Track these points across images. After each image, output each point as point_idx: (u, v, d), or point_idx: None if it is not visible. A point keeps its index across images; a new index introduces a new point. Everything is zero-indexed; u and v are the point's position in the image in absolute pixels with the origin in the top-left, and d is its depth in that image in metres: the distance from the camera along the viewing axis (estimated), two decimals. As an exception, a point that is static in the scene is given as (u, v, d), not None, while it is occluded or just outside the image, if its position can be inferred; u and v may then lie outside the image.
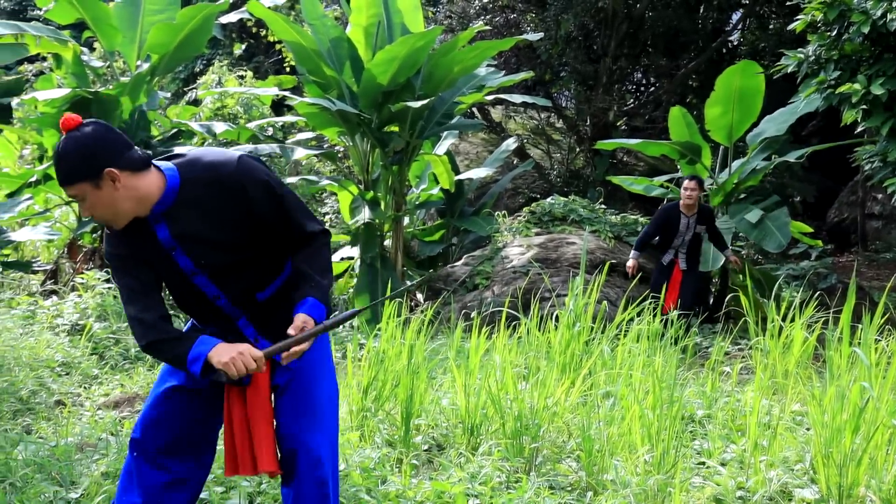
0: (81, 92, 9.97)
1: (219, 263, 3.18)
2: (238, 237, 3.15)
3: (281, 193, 3.14)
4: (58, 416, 5.62)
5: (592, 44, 16.57)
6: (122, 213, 3.06)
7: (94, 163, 2.96)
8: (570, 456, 4.87)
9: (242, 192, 3.09)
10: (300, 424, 3.27)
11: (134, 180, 3.03)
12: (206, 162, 3.14)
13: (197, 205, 3.11)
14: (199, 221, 3.13)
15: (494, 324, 6.33)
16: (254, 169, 3.12)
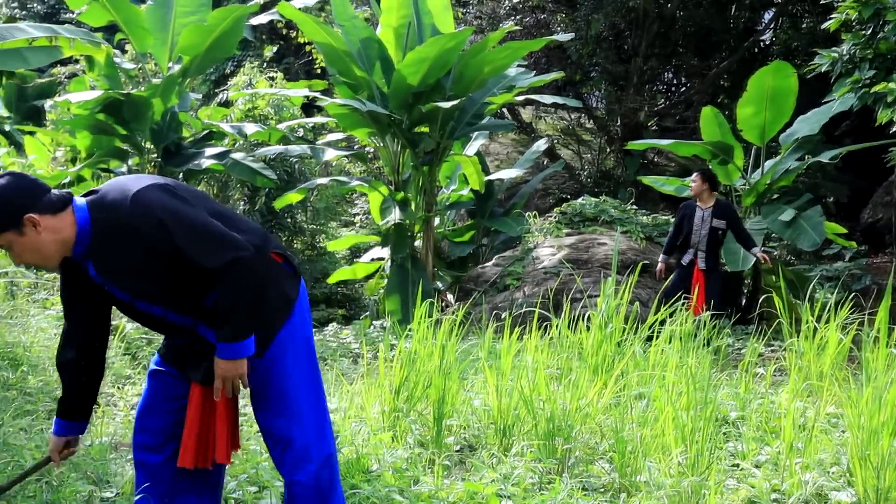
0: (113, 94, 10.04)
1: (149, 290, 3.24)
2: (157, 269, 3.17)
3: (177, 234, 3.07)
4: (91, 416, 5.65)
5: (623, 44, 16.51)
6: (48, 255, 3.14)
7: (13, 212, 3.04)
8: (603, 457, 4.84)
9: (138, 233, 3.09)
10: (279, 421, 3.35)
11: (54, 222, 3.10)
12: (107, 202, 3.16)
13: (109, 243, 3.16)
14: (116, 259, 3.18)
15: (525, 324, 6.30)
16: (147, 207, 3.08)
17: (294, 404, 3.36)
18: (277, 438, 3.37)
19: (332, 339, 9.38)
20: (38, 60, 6.25)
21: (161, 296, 3.25)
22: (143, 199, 3.08)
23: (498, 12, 16.81)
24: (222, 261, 3.07)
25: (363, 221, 16.99)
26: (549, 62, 16.47)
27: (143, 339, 7.67)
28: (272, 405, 3.36)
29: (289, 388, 3.36)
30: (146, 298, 3.26)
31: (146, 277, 3.20)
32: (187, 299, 3.25)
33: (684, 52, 17.01)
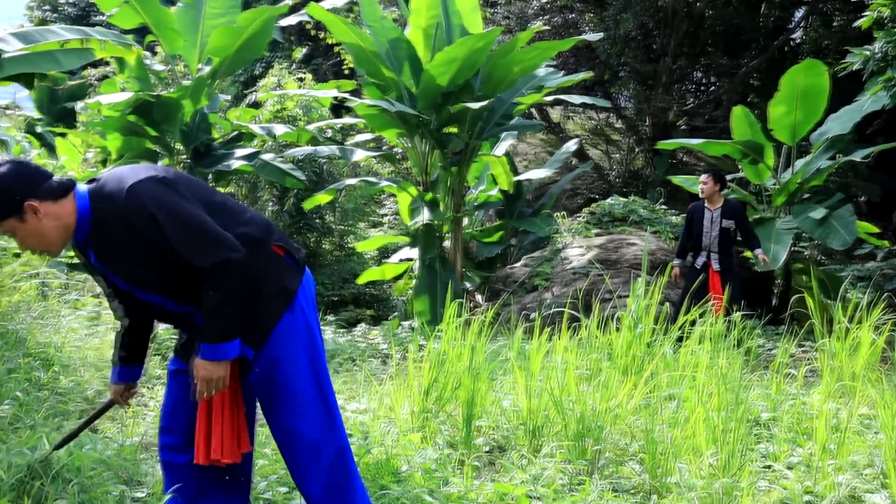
0: (144, 95, 10.10)
1: (147, 279, 3.27)
2: (153, 259, 3.19)
3: (169, 229, 3.09)
4: (122, 416, 5.68)
5: (652, 43, 16.43)
6: (51, 241, 3.19)
7: (13, 199, 3.09)
8: (633, 458, 4.82)
9: (131, 226, 3.13)
10: (287, 417, 3.34)
11: (55, 208, 3.14)
12: (105, 192, 3.19)
13: (107, 233, 3.20)
14: (114, 248, 3.23)
15: (554, 325, 6.29)
16: (141, 199, 3.11)
17: (300, 398, 3.35)
18: (287, 437, 3.37)
19: (360, 339, 9.39)
20: (71, 63, 6.28)
21: (159, 284, 3.27)
22: (138, 193, 3.11)
23: (526, 12, 16.78)
24: (210, 261, 3.09)
25: (392, 222, 17.00)
26: (577, 62, 16.43)
27: (172, 339, 7.71)
28: (279, 402, 3.35)
29: (293, 382, 3.34)
30: (145, 287, 3.29)
31: (143, 267, 3.23)
32: (185, 288, 3.25)
33: (713, 51, 16.91)
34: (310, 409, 3.36)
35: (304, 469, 3.37)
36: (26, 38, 6.23)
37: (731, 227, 9.35)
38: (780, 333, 8.39)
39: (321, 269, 13.83)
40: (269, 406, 3.37)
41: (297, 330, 3.35)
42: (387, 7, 17.30)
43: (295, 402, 3.34)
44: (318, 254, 14.00)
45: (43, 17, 27.42)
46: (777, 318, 9.70)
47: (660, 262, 10.02)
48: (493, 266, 12.81)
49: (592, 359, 5.82)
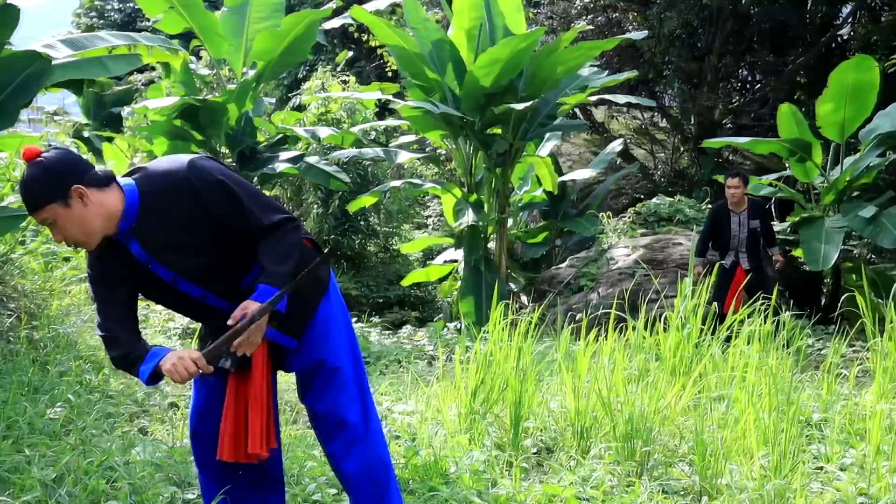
0: (190, 100, 10.18)
1: (195, 267, 3.23)
2: (205, 240, 3.19)
3: (236, 192, 3.13)
4: (172, 418, 5.73)
5: (697, 41, 16.30)
6: (92, 231, 3.12)
7: (60, 182, 3.04)
8: (683, 460, 4.78)
9: (196, 196, 3.11)
10: (330, 396, 3.40)
11: (100, 196, 3.09)
12: (159, 172, 3.18)
13: (159, 215, 3.15)
14: (166, 231, 3.17)
15: (601, 326, 6.25)
16: (204, 170, 3.13)
17: (340, 380, 3.41)
18: (326, 416, 3.42)
19: (406, 341, 9.41)
20: (119, 68, 6.34)
21: (205, 273, 3.25)
22: (200, 164, 3.14)
23: (570, 12, 16.72)
24: (280, 216, 3.17)
25: (436, 223, 17.02)
26: (621, 61, 16.34)
27: (220, 341, 7.75)
28: (321, 382, 3.40)
29: (334, 363, 3.40)
30: (190, 276, 3.25)
31: (193, 251, 3.20)
32: (228, 279, 3.27)
33: (759, 48, 16.74)
34: (349, 390, 3.43)
35: (342, 448, 3.42)
36: (75, 45, 6.30)
37: (758, 227, 9.31)
38: (830, 333, 8.29)
39: (366, 271, 13.87)
40: (311, 387, 3.43)
41: (335, 317, 3.45)
42: (430, 9, 17.33)
43: (336, 383, 3.41)
44: (364, 256, 14.04)
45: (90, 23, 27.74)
46: (827, 318, 9.57)
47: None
48: (537, 267, 12.77)
49: (640, 359, 5.78)
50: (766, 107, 16.09)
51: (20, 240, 7.39)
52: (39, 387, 5.33)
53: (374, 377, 7.39)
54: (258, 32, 10.42)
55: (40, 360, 5.94)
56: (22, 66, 5.75)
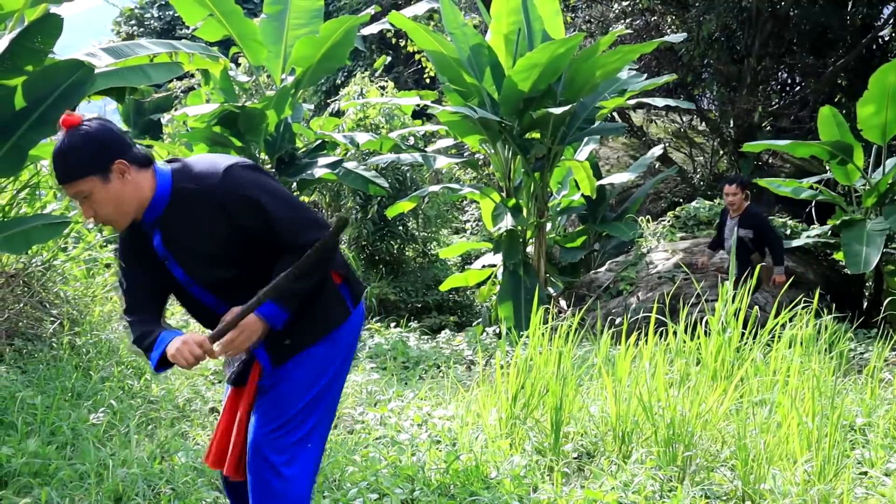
0: (229, 106, 10.25)
1: (213, 277, 3.06)
2: (229, 252, 3.01)
3: (268, 207, 2.94)
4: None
5: (735, 44, 16.19)
6: (127, 211, 2.96)
7: (103, 154, 2.87)
8: (725, 465, 4.75)
9: (224, 208, 2.93)
10: (264, 429, 3.09)
11: (139, 176, 2.94)
12: (195, 172, 3.01)
13: (186, 216, 2.99)
14: (190, 234, 3.01)
15: (640, 330, 6.22)
16: (238, 182, 2.95)
17: (287, 419, 3.11)
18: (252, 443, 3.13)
19: (444, 345, 9.40)
20: (160, 76, 6.39)
21: (223, 284, 3.07)
22: (235, 174, 2.95)
23: (607, 16, 16.67)
24: (309, 238, 2.93)
25: (474, 228, 17.01)
26: (659, 64, 16.27)
27: (260, 346, 7.79)
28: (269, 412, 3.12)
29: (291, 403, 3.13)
30: (203, 284, 3.08)
31: (214, 261, 3.03)
32: (248, 294, 2.95)
33: (799, 50, 16.60)
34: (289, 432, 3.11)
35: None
36: (116, 53, 6.36)
37: (749, 237, 9.15)
38: (872, 337, 8.21)
39: (404, 276, 13.89)
40: (257, 413, 3.14)
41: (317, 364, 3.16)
42: (467, 14, 17.33)
43: (272, 413, 3.11)
44: (402, 261, 14.06)
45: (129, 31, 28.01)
46: (869, 322, 9.47)
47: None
48: (576, 271, 12.74)
49: (681, 364, 5.75)
50: (806, 109, 15.96)
51: (62, 246, 7.48)
52: (82, 392, 5.39)
53: (412, 382, 7.40)
54: (297, 39, 10.46)
55: (83, 366, 6.00)
56: (65, 74, 5.81)
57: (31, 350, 6.18)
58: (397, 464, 4.61)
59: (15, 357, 5.92)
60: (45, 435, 4.39)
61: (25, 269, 6.75)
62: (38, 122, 5.75)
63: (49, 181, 8.22)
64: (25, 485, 3.79)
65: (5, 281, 6.55)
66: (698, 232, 11.18)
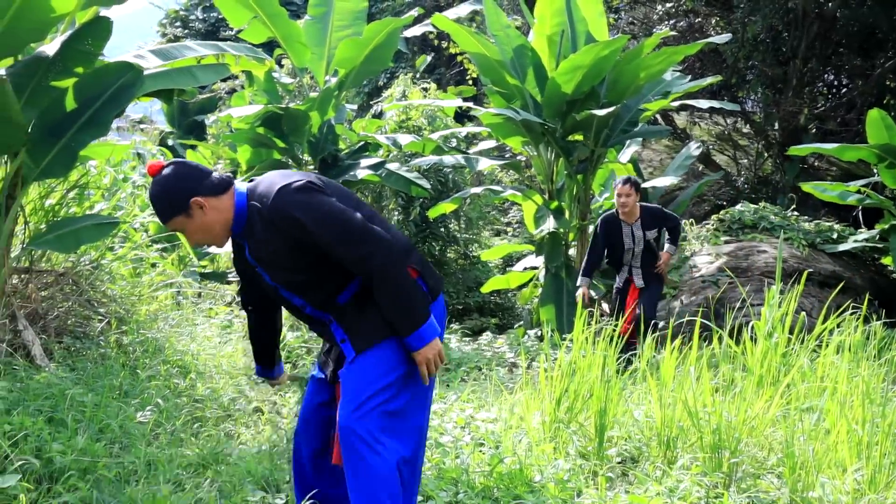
0: (273, 108, 10.30)
1: (290, 280, 3.44)
2: (294, 261, 3.37)
3: (310, 228, 3.24)
4: (256, 423, 5.80)
5: (781, 45, 16.03)
6: (216, 234, 3.42)
7: (180, 197, 3.31)
8: (772, 472, 4.70)
9: (275, 225, 3.30)
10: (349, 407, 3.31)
11: (218, 203, 3.36)
12: (258, 193, 3.38)
13: (256, 229, 3.38)
14: (263, 244, 3.39)
15: (684, 334, 6.18)
16: (285, 203, 3.26)
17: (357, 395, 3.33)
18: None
19: (486, 348, 9.39)
20: (207, 78, 6.44)
21: (301, 287, 3.44)
22: (284, 198, 3.26)
23: (651, 17, 16.59)
24: (358, 255, 3.24)
25: (516, 230, 16.98)
26: (703, 66, 16.16)
27: (302, 347, 7.85)
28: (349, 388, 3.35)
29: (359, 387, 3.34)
30: (289, 288, 3.46)
31: (288, 268, 3.40)
32: (324, 294, 3.42)
33: (846, 52, 16.42)
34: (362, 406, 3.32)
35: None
36: (164, 55, 6.40)
37: (655, 237, 8.60)
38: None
39: (446, 277, 13.88)
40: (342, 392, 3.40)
41: (395, 352, 3.38)
42: (510, 15, 17.31)
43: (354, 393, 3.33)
44: (443, 262, 14.06)
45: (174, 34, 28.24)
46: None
47: (792, 270, 9.77)
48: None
49: (726, 369, 5.71)
50: (853, 111, 15.78)
51: (109, 246, 7.55)
52: (130, 390, 5.43)
53: (455, 384, 7.40)
54: (340, 41, 10.48)
55: (130, 365, 6.05)
56: (115, 76, 5.87)
57: (79, 348, 6.25)
58: (441, 466, 4.61)
59: (64, 355, 5.98)
60: (93, 432, 4.43)
61: (74, 269, 6.82)
62: (88, 123, 5.82)
63: (97, 181, 8.32)
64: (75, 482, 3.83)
65: (54, 280, 6.62)
66: (742, 235, 11.08)
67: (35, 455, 3.97)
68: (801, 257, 10.32)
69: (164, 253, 9.82)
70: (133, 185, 11.09)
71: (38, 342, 5.78)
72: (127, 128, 23.92)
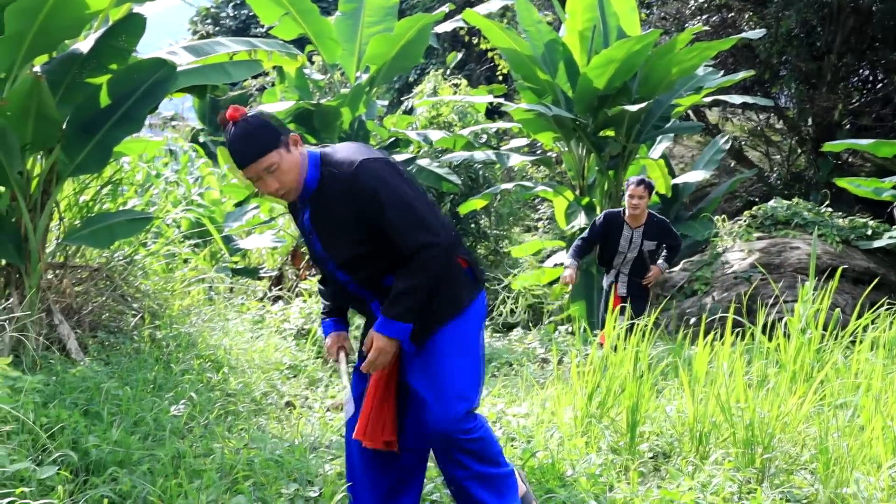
0: (304, 104, 10.34)
1: (343, 253, 3.43)
2: (357, 233, 3.36)
3: (385, 205, 3.27)
4: (288, 417, 5.82)
5: (815, 40, 15.89)
6: (302, 177, 3.36)
7: (277, 132, 3.28)
8: (805, 468, 4.67)
9: (352, 197, 3.30)
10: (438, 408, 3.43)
11: (303, 149, 3.38)
12: (336, 158, 3.38)
13: (327, 196, 3.37)
14: (328, 213, 3.39)
15: (715, 330, 6.15)
16: (368, 176, 3.28)
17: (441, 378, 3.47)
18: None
19: (517, 343, 9.39)
20: (240, 74, 6.47)
21: (351, 263, 3.45)
22: (368, 168, 3.29)
23: (683, 12, 16.49)
24: (418, 241, 3.28)
25: (546, 226, 16.95)
26: (736, 62, 16.05)
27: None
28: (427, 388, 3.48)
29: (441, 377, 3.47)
30: (338, 260, 3.46)
31: (345, 240, 3.40)
32: (370, 273, 3.45)
33: (882, 46, 16.24)
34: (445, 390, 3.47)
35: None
36: (197, 51, 6.44)
37: (653, 249, 8.18)
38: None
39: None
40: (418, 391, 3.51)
41: (456, 339, 3.51)
42: (542, 11, 17.27)
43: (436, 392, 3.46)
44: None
45: (205, 31, 28.38)
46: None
47: (826, 266, 9.68)
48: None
49: (759, 365, 5.67)
50: (889, 107, 15.63)
51: (143, 241, 7.61)
52: (163, 384, 5.48)
53: (486, 379, 7.40)
54: (371, 37, 10.52)
55: (163, 359, 6.10)
56: (148, 72, 5.92)
57: (113, 342, 6.31)
58: (473, 460, 4.61)
59: (98, 349, 6.04)
60: (128, 425, 4.47)
61: (108, 264, 6.88)
62: (122, 119, 5.87)
63: (131, 177, 8.38)
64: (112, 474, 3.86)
65: (89, 275, 6.69)
66: (775, 232, 11.00)
67: (72, 447, 4.01)
68: (834, 254, 10.22)
69: (196, 249, 9.89)
70: (165, 181, 11.17)
71: (74, 336, 5.84)
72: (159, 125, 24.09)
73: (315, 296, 8.76)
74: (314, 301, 8.64)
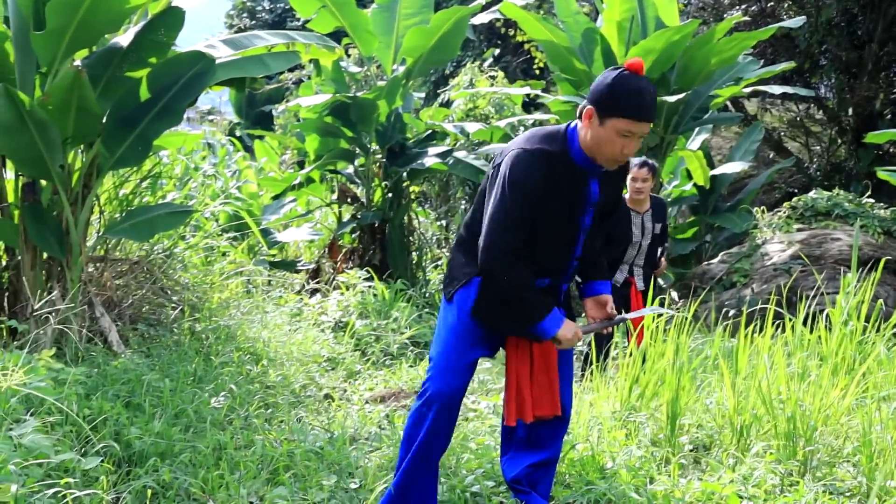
0: (341, 97, 10.34)
1: (598, 229, 3.74)
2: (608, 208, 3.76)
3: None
4: (327, 409, 5.84)
5: (856, 29, 15.71)
6: None
7: None
8: (848, 461, 4.63)
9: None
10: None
11: None
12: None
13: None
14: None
15: (756, 322, 6.10)
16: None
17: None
18: None
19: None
20: (278, 66, 6.48)
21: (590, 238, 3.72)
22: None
23: (722, 2, 16.36)
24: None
25: (582, 218, 16.89)
26: (775, 52, 15.90)
27: (371, 335, 7.88)
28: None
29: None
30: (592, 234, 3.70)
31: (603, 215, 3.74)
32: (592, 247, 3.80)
33: (924, 35, 16.05)
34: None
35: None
36: (235, 45, 6.46)
37: (658, 233, 7.41)
38: None
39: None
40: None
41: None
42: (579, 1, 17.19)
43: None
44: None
45: (242, 24, 28.50)
46: None
47: (867, 258, 9.56)
48: (686, 263, 12.55)
49: (801, 357, 5.62)
50: (931, 97, 15.44)
51: (182, 235, 7.66)
52: (203, 377, 5.51)
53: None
54: (408, 29, 10.49)
55: (203, 351, 6.14)
56: (188, 66, 5.94)
57: (153, 335, 6.36)
58: (513, 452, 4.61)
59: (139, 341, 6.09)
60: (169, 417, 4.50)
61: (147, 257, 6.92)
62: (161, 112, 5.89)
63: (170, 171, 8.43)
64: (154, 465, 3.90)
65: (129, 268, 6.73)
66: (816, 223, 10.89)
67: (114, 438, 4.05)
68: (876, 245, 10.11)
69: (234, 242, 9.94)
70: (203, 174, 11.23)
71: (115, 329, 5.88)
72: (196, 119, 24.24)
73: (352, 288, 8.77)
74: (351, 294, 8.66)
